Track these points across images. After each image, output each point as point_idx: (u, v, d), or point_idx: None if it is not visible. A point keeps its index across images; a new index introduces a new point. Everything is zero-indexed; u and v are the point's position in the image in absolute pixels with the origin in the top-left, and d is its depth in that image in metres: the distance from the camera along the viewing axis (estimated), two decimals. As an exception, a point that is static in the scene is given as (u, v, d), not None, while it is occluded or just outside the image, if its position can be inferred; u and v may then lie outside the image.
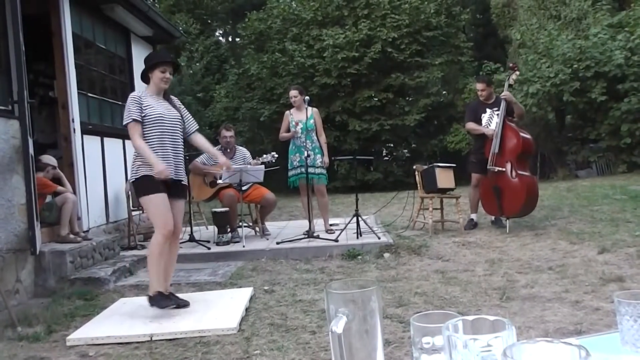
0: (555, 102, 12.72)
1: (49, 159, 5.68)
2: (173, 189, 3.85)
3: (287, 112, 6.51)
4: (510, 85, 6.47)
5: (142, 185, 3.75)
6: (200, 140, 4.14)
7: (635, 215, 6.51)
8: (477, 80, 6.94)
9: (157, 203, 3.72)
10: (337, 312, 0.74)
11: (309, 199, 6.18)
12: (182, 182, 3.97)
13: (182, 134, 3.96)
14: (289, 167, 6.39)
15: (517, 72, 6.67)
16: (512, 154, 6.11)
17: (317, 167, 6.30)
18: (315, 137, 6.33)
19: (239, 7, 22.62)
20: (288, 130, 6.39)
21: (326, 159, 6.38)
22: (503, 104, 6.21)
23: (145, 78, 3.99)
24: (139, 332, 3.43)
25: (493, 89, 6.87)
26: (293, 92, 6.43)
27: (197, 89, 19.29)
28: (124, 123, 3.82)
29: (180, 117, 3.94)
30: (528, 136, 6.26)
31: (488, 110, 6.45)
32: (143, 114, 3.77)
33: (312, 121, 6.29)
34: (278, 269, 5.21)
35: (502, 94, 6.30)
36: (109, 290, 4.79)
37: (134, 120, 3.74)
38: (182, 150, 3.98)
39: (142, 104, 3.79)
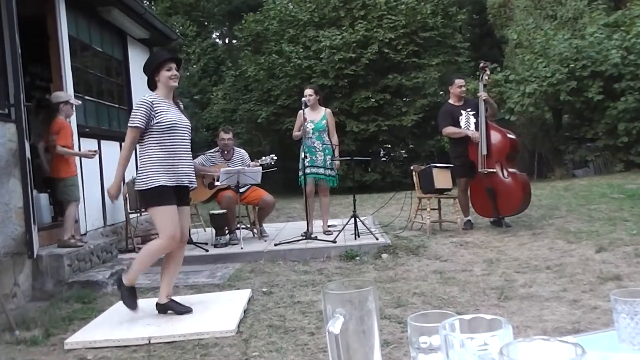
0: (552, 101, 12.73)
1: (57, 96, 5.56)
2: (181, 195, 3.79)
3: (301, 111, 6.45)
4: (484, 85, 6.45)
5: (154, 195, 3.66)
6: None
7: (632, 214, 6.52)
8: (458, 77, 6.78)
9: (169, 214, 3.67)
10: (334, 313, 0.74)
11: (306, 201, 6.18)
12: (190, 188, 3.89)
13: (190, 138, 3.87)
14: (300, 167, 6.36)
15: (488, 72, 6.66)
16: (501, 154, 6.13)
17: (327, 169, 6.29)
18: (326, 138, 6.30)
19: (235, 9, 22.63)
20: (301, 129, 6.36)
21: (337, 162, 6.36)
22: (482, 105, 6.21)
23: (151, 84, 3.83)
24: (137, 335, 3.42)
25: None
26: (308, 91, 6.36)
27: (194, 91, 19.29)
28: (128, 125, 3.73)
29: (189, 123, 3.86)
30: (512, 135, 6.31)
31: (463, 112, 6.43)
32: (155, 121, 3.64)
33: (324, 122, 6.28)
34: (276, 270, 5.21)
35: (480, 94, 6.29)
36: (107, 293, 4.78)
37: (136, 127, 3.64)
38: (191, 155, 3.89)
39: (154, 110, 3.65)
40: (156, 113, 3.66)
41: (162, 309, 3.87)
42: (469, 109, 6.40)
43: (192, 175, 3.87)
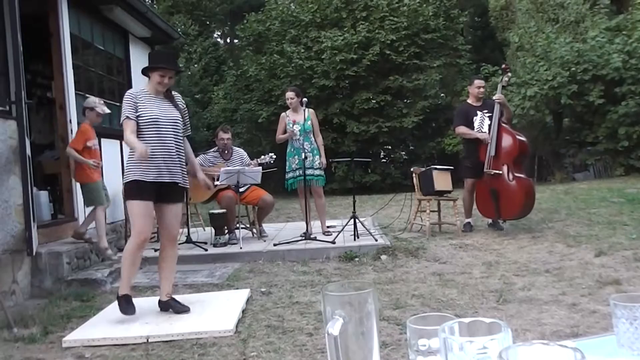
0: (553, 105, 12.74)
1: (86, 101, 5.52)
2: (167, 192, 3.74)
3: (284, 113, 6.49)
4: (503, 87, 6.46)
5: (129, 189, 3.72)
6: (186, 147, 4.02)
7: (632, 218, 6.52)
8: (478, 78, 6.85)
9: (137, 210, 3.67)
10: (334, 314, 0.74)
11: (306, 201, 6.18)
12: (179, 185, 3.81)
13: (180, 134, 3.81)
14: (287, 170, 6.38)
15: (510, 74, 6.67)
16: (509, 157, 6.11)
17: (316, 169, 6.30)
18: (313, 139, 6.33)
19: (237, 8, 22.65)
20: (285, 132, 6.38)
21: (324, 160, 6.38)
22: (497, 107, 6.20)
23: (146, 74, 3.88)
24: (135, 334, 3.42)
25: None
26: (289, 94, 6.42)
27: (195, 90, 19.29)
28: (120, 121, 3.77)
29: (178, 117, 3.80)
30: (523, 138, 6.28)
31: (479, 113, 6.43)
32: (137, 114, 3.68)
33: (309, 122, 6.29)
34: (275, 270, 5.21)
35: (496, 96, 6.29)
36: (106, 291, 4.78)
37: (127, 118, 3.68)
38: (180, 151, 3.81)
39: (137, 103, 3.69)
40: (139, 107, 3.69)
41: (163, 306, 3.90)
42: (485, 111, 6.40)
43: (176, 171, 3.76)
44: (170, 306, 3.87)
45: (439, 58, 15.38)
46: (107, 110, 5.69)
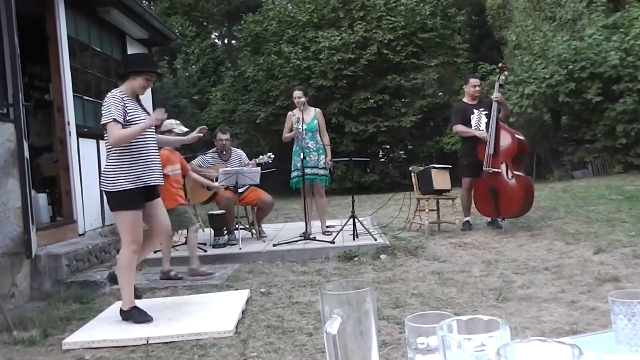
0: (550, 103, 12.74)
1: (168, 124, 4.95)
2: (150, 192, 3.76)
3: (290, 112, 6.49)
4: (500, 86, 6.47)
5: (119, 199, 3.58)
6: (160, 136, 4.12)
7: (630, 215, 6.53)
8: (473, 77, 6.87)
9: (132, 219, 3.61)
10: (332, 313, 0.74)
11: (304, 201, 6.18)
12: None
13: (155, 135, 3.84)
14: (293, 168, 6.38)
15: (507, 72, 6.68)
16: (508, 155, 6.11)
17: (320, 168, 6.30)
18: (318, 138, 6.33)
19: (234, 9, 22.61)
20: (291, 131, 6.38)
21: (329, 160, 6.38)
22: (495, 105, 6.22)
23: (124, 77, 3.74)
24: (135, 336, 3.42)
25: None
26: (297, 93, 6.41)
27: (193, 91, 19.26)
28: (102, 122, 3.58)
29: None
30: (522, 137, 6.29)
31: (475, 111, 6.45)
32: (125, 119, 3.57)
33: (315, 122, 6.30)
34: (275, 271, 5.21)
35: (494, 95, 6.30)
36: (105, 293, 4.77)
37: (115, 120, 3.52)
38: (158, 153, 3.84)
39: (126, 106, 3.60)
40: (127, 111, 3.60)
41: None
42: (481, 109, 6.42)
43: (159, 172, 3.78)
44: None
45: (437, 57, 15.36)
46: (185, 129, 5.27)
